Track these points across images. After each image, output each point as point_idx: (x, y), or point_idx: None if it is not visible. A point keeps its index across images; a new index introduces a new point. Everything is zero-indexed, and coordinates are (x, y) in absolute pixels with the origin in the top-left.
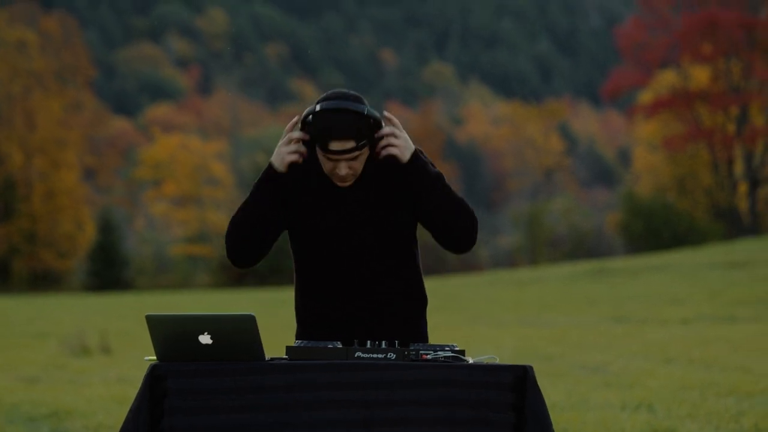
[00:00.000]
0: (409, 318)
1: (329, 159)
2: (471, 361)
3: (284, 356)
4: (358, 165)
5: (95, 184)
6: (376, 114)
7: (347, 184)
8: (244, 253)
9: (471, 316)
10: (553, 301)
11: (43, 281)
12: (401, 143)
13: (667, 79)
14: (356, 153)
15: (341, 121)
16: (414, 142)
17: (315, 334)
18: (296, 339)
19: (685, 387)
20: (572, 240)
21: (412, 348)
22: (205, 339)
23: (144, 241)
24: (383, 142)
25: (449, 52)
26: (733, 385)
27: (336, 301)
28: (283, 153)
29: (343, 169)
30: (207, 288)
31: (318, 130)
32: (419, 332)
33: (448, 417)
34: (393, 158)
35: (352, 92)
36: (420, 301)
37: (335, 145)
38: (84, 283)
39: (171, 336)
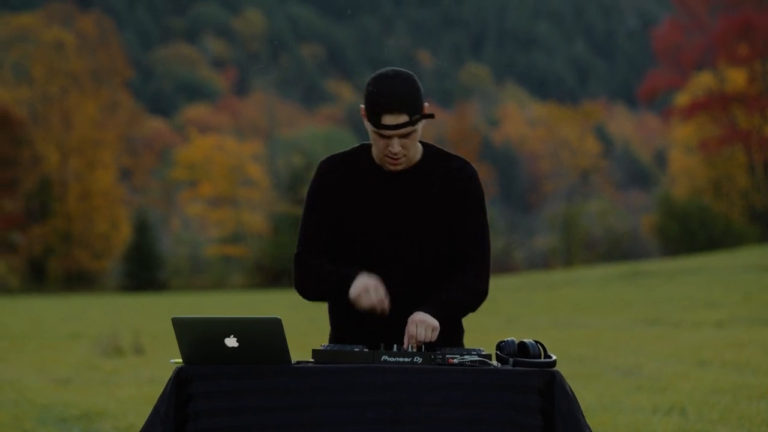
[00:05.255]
0: (444, 326)
1: (382, 136)
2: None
3: (311, 359)
4: (410, 144)
5: (131, 185)
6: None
7: (399, 164)
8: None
9: (505, 318)
10: (587, 304)
11: (78, 281)
12: (422, 336)
13: (703, 81)
14: (409, 129)
15: (394, 95)
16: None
17: (347, 337)
18: (329, 342)
19: (718, 390)
20: (607, 242)
21: (438, 352)
22: (231, 342)
23: (179, 241)
24: (409, 340)
25: (485, 54)
26: (766, 388)
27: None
28: (364, 299)
29: (395, 146)
30: (242, 289)
31: (371, 106)
32: (454, 342)
33: (475, 418)
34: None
35: (404, 69)
36: None
37: (388, 119)
38: (119, 283)
39: (197, 339)
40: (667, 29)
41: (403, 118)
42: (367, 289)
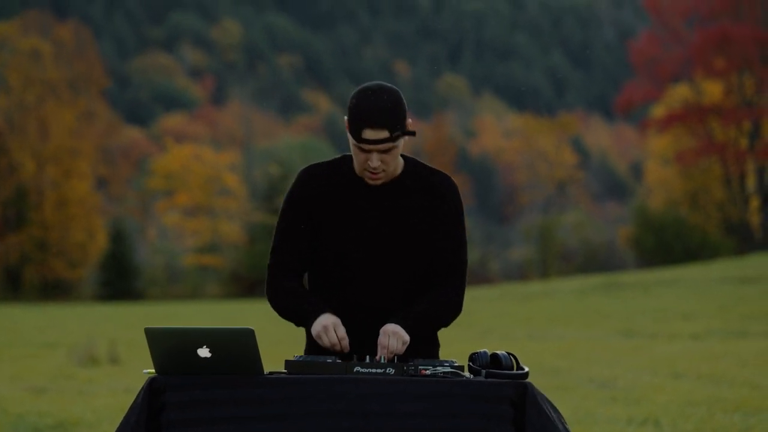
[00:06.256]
0: (417, 340)
1: (362, 150)
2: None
3: (284, 370)
4: (390, 159)
5: (107, 194)
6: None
7: (378, 179)
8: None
9: (480, 329)
10: (563, 315)
11: (54, 290)
12: (394, 348)
13: (679, 93)
14: (389, 145)
15: (375, 111)
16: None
17: (322, 348)
18: (305, 353)
19: (692, 402)
20: (584, 254)
21: (411, 363)
22: (203, 352)
23: (155, 251)
24: (381, 350)
25: (462, 65)
26: (740, 400)
27: (344, 316)
28: (323, 338)
29: (375, 161)
30: (218, 298)
31: (353, 119)
32: (428, 356)
33: (447, 428)
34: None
35: (389, 84)
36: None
37: (369, 134)
38: (95, 292)
39: (170, 349)
40: (643, 41)
41: (384, 134)
42: (327, 328)
